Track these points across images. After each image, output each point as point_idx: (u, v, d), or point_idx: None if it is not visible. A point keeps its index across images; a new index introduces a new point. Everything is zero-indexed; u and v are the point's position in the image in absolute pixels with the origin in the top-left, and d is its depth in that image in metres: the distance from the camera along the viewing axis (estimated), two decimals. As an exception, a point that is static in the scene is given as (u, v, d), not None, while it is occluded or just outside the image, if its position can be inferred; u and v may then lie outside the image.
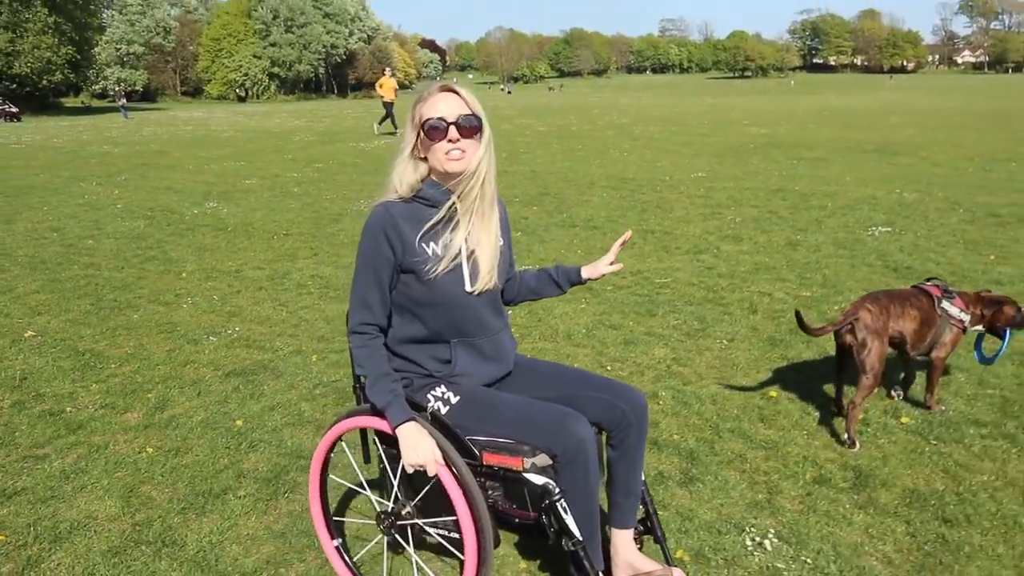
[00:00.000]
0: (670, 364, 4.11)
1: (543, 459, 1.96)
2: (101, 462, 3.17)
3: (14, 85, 43.07)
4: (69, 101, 55.41)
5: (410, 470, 2.00)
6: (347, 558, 2.39)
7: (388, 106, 20.34)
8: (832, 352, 3.57)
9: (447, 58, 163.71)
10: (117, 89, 45.68)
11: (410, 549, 2.22)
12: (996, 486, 2.83)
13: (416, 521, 2.18)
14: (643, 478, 2.23)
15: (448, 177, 2.03)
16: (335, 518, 2.48)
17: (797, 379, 3.88)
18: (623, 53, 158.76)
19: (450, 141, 1.97)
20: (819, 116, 26.81)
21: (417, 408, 2.07)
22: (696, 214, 8.47)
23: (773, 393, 3.69)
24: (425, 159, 2.05)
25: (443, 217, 2.04)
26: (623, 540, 2.16)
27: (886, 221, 7.83)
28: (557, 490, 1.95)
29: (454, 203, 2.04)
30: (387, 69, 23.26)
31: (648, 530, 2.27)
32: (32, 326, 4.98)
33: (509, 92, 77.06)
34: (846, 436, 3.13)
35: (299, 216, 8.81)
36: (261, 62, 79.22)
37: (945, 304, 3.26)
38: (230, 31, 78.55)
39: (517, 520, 2.06)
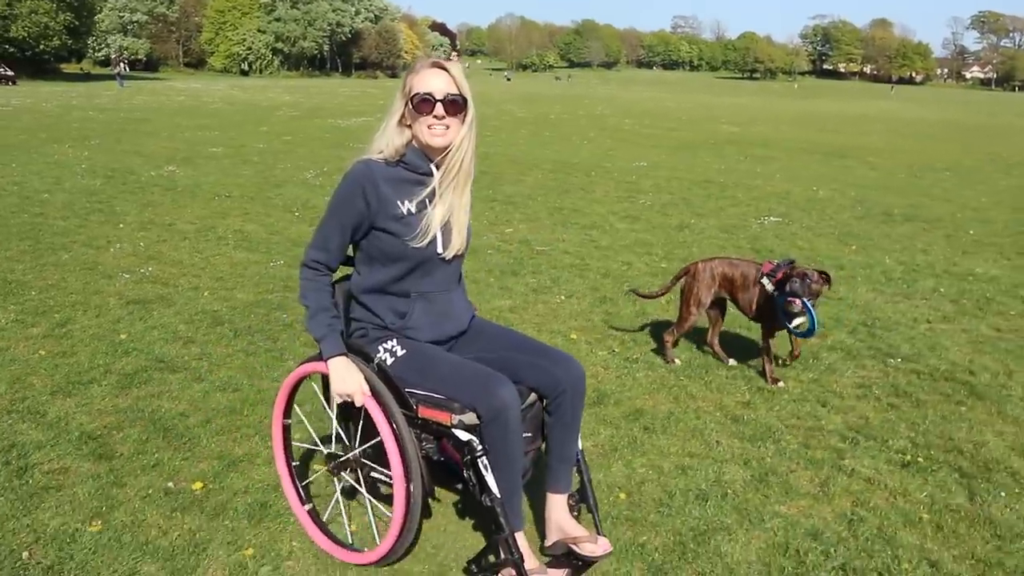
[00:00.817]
0: (504, 311, 4.81)
1: (470, 417, 2.06)
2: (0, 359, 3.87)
3: (12, 49, 43.58)
4: (69, 67, 55.88)
5: (337, 399, 2.17)
6: (317, 520, 2.48)
7: None
8: (643, 310, 4.28)
9: (457, 42, 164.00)
10: (115, 57, 46.04)
11: (361, 488, 2.38)
12: (707, 409, 3.54)
13: (362, 460, 2.32)
14: (580, 447, 2.33)
15: (430, 149, 2.18)
16: (302, 482, 2.58)
17: (600, 325, 4.59)
18: (634, 47, 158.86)
19: (435, 117, 2.10)
20: (799, 119, 27.46)
21: (366, 358, 2.21)
22: (612, 197, 9.16)
23: (574, 336, 4.40)
24: (411, 127, 2.18)
25: (422, 184, 2.19)
26: (556, 504, 2.26)
27: (782, 213, 8.52)
28: (480, 448, 2.05)
29: (433, 172, 2.20)
30: (455, 55, 21.70)
31: (583, 498, 2.36)
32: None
33: (508, 79, 77.38)
34: (665, 357, 4.03)
35: (248, 182, 9.49)
36: (265, 36, 79.56)
37: (764, 279, 3.76)
38: (235, 3, 78.83)
39: (454, 470, 2.19)
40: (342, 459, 2.39)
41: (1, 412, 3.29)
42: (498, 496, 2.04)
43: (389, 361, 2.20)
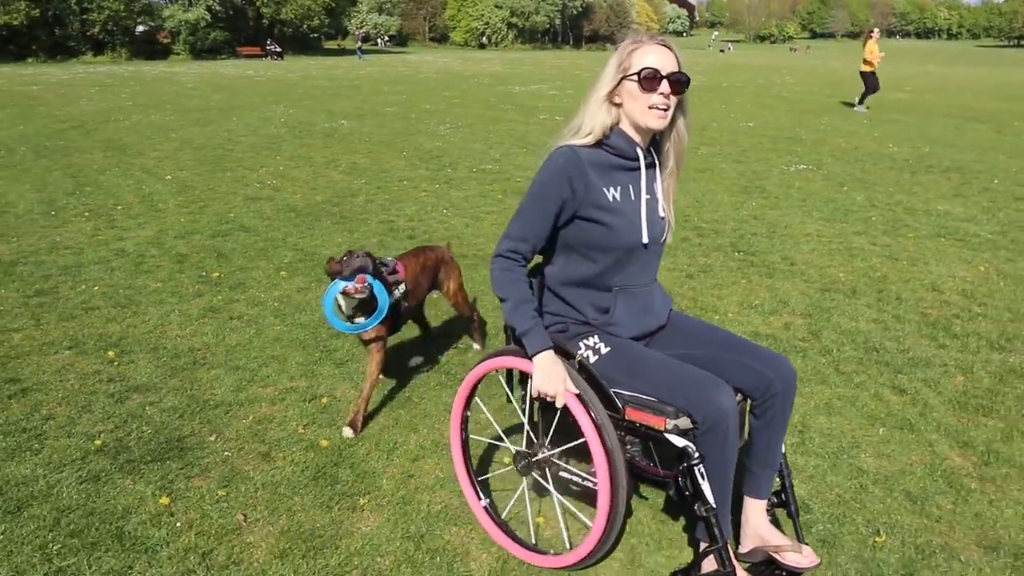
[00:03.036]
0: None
1: (685, 422, 1.94)
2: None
3: (285, 28, 50.89)
4: (330, 44, 63.55)
5: (535, 393, 2.05)
6: (495, 516, 2.39)
7: (869, 78, 15.75)
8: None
9: (696, 14, 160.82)
10: (356, 34, 52.10)
11: (550, 487, 2.29)
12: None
13: (552, 459, 2.25)
14: (783, 450, 2.19)
15: (641, 132, 2.05)
16: (479, 478, 2.50)
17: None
18: (884, 15, 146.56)
19: (661, 94, 1.96)
20: (995, 88, 25.51)
21: (567, 355, 2.10)
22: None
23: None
24: (619, 105, 2.04)
25: (629, 169, 2.07)
26: (755, 510, 2.14)
27: (771, 151, 9.45)
28: (696, 454, 1.93)
29: (640, 157, 2.07)
30: (875, 30, 16.73)
31: (782, 503, 2.26)
32: (169, 172, 8.56)
33: (723, 51, 75.43)
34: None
35: (392, 131, 11.97)
36: (501, 12, 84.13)
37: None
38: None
39: (653, 476, 2.08)
40: (533, 458, 2.30)
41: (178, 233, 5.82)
42: (713, 506, 1.95)
43: (592, 359, 2.09)
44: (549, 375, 2.00)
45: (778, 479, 2.23)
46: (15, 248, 5.55)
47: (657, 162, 2.12)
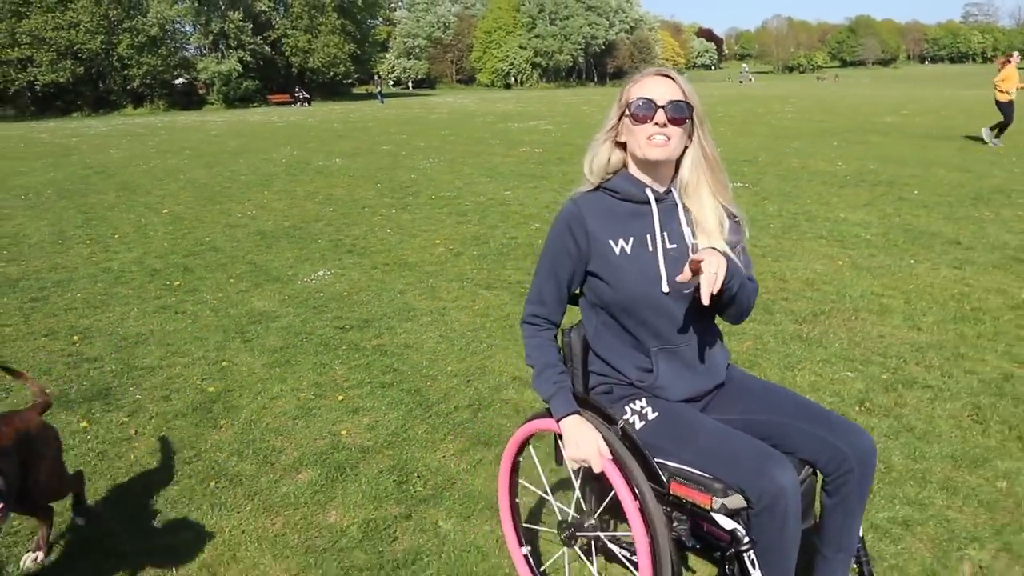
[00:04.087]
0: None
1: (736, 500, 1.72)
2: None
3: (313, 76, 53.24)
4: (359, 89, 65.97)
5: (573, 466, 1.93)
6: (534, 566, 2.32)
7: (1006, 108, 13.90)
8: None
9: (723, 47, 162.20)
10: (376, 79, 54.35)
11: (592, 567, 2.15)
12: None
13: (598, 534, 2.09)
14: (861, 534, 1.97)
15: (647, 165, 1.91)
16: (525, 525, 2.41)
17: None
18: (916, 41, 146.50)
19: (657, 124, 1.83)
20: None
21: (610, 421, 1.94)
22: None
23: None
24: (624, 146, 1.93)
25: (640, 215, 1.92)
26: None
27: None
28: (746, 539, 1.73)
29: (650, 196, 1.92)
30: (1015, 54, 14.85)
31: None
32: (167, 207, 9.73)
33: (741, 81, 76.27)
34: None
35: (376, 167, 13.11)
36: (526, 52, 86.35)
37: None
38: (500, 24, 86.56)
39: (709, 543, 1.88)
40: (578, 530, 2.14)
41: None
42: None
43: (638, 425, 1.92)
44: (577, 440, 1.88)
45: (855, 565, 2.01)
46: (22, 269, 6.67)
47: (680, 203, 1.94)
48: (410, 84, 75.61)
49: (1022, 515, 2.66)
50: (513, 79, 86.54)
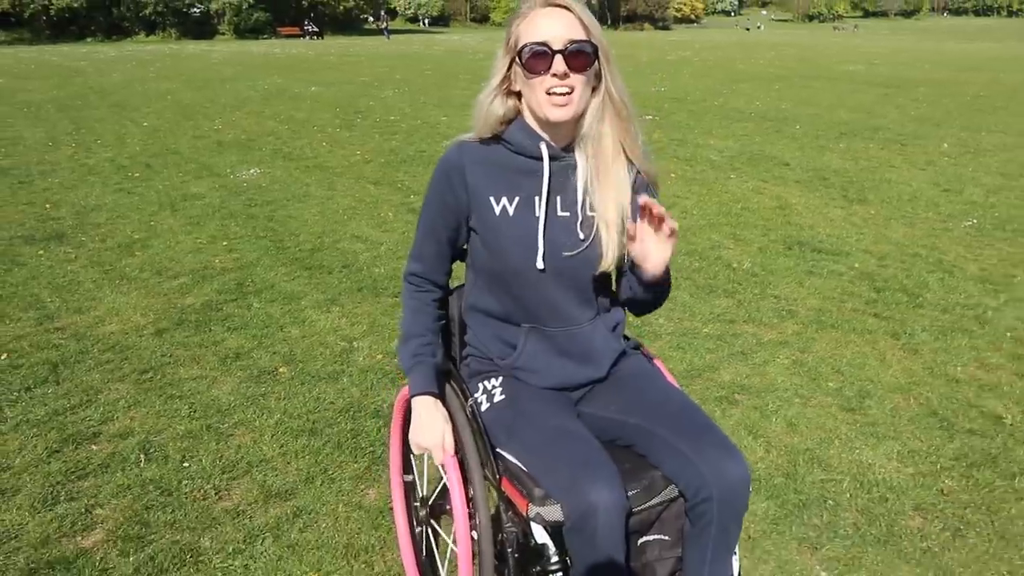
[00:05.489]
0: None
1: (555, 511, 1.47)
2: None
3: (325, 9, 53.95)
4: (370, 25, 66.42)
5: (416, 450, 1.68)
6: (415, 552, 2.10)
7: None
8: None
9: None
10: (382, 15, 54.89)
11: (451, 542, 1.73)
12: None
13: (431, 523, 1.96)
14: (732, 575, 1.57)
15: (547, 125, 1.59)
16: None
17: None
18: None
19: (555, 75, 1.50)
20: (975, 62, 26.62)
21: (466, 396, 1.73)
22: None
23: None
24: (518, 94, 1.62)
25: (528, 168, 1.63)
26: None
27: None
28: (555, 558, 1.51)
29: (544, 151, 1.61)
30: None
31: None
32: (147, 121, 11.16)
33: (748, 29, 75.48)
34: None
35: (346, 95, 14.42)
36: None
37: None
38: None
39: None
40: (420, 512, 1.97)
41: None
42: None
43: (484, 406, 1.70)
44: (423, 426, 1.64)
45: None
46: (14, 161, 8.16)
47: (580, 162, 1.63)
48: (426, 22, 75.81)
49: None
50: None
